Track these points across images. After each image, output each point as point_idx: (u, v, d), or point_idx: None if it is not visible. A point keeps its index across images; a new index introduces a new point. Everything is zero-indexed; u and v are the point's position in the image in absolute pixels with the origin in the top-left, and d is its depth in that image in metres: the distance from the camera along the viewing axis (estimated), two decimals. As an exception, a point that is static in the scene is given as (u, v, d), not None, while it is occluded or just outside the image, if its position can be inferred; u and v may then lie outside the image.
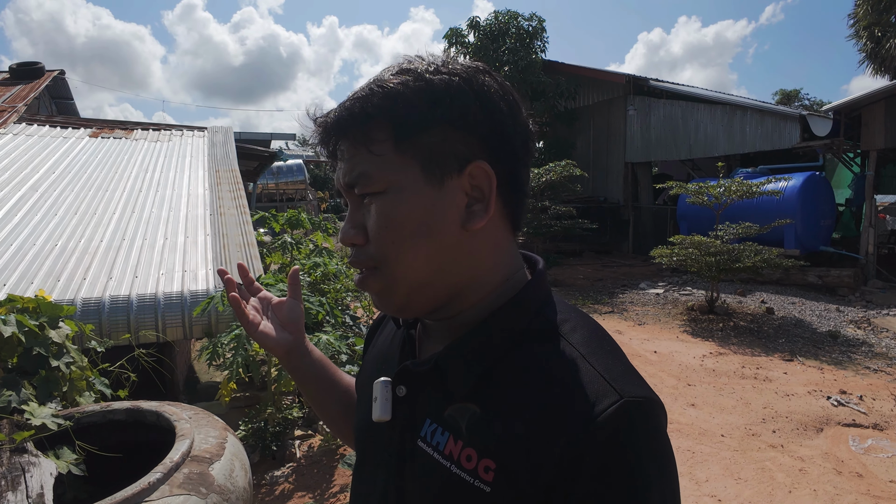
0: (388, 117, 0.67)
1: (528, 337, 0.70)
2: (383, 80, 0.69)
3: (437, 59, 0.72)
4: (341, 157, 0.72)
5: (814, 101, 34.57)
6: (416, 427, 0.73)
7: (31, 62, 10.59)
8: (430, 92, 0.67)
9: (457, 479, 0.66)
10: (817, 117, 11.17)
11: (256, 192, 15.25)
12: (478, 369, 0.69)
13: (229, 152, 7.65)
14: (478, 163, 0.68)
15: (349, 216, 0.73)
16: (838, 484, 3.78)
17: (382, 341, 0.93)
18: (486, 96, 0.69)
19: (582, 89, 17.51)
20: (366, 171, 0.69)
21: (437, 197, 0.68)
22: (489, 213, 0.70)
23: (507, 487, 0.63)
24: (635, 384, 0.64)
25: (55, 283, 3.93)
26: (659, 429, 0.63)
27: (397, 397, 0.76)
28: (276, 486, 3.52)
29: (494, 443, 0.65)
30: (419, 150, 0.67)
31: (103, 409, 2.46)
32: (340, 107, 0.71)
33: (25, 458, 2.00)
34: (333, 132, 0.71)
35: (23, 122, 8.05)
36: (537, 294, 0.74)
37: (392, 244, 0.69)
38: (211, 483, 1.91)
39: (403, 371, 0.76)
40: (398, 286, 0.71)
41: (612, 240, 16.30)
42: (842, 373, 6.13)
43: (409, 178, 0.68)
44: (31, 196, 5.46)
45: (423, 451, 0.71)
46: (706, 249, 8.34)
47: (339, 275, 5.93)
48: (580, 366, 0.65)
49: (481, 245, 0.72)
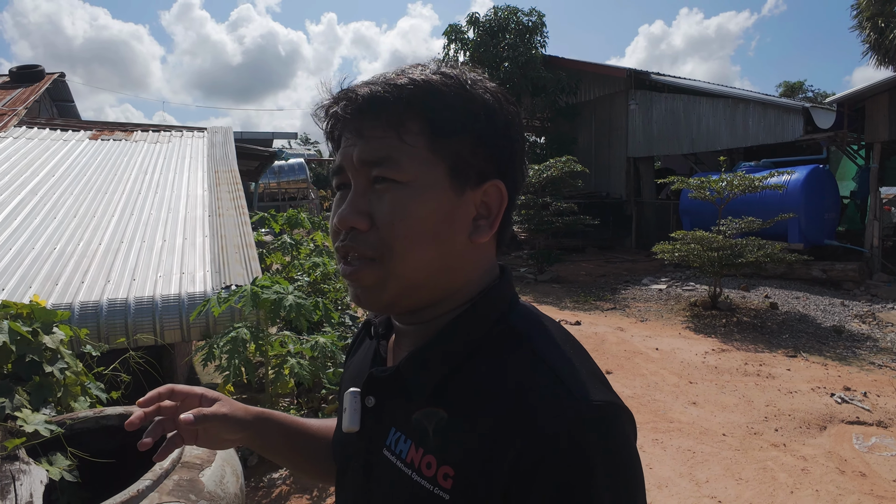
0: (427, 112, 0.68)
1: (488, 343, 0.70)
2: (426, 76, 0.69)
3: (473, 73, 0.73)
4: (358, 133, 0.69)
5: (818, 93, 34.36)
6: (382, 436, 0.74)
7: (31, 65, 10.60)
8: (470, 103, 0.69)
9: (417, 486, 0.67)
10: (821, 109, 11.09)
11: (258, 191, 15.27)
12: (437, 375, 0.69)
13: (228, 153, 7.63)
14: (496, 181, 0.71)
15: (353, 198, 0.70)
16: (841, 484, 3.75)
17: (359, 356, 0.93)
18: (511, 124, 0.72)
19: (583, 84, 17.45)
20: (394, 156, 0.67)
21: (455, 204, 0.69)
22: (493, 229, 0.72)
23: (464, 495, 0.63)
24: (596, 389, 0.64)
25: (53, 287, 3.93)
26: (619, 435, 0.62)
27: (366, 408, 0.77)
28: (273, 489, 3.52)
29: (453, 450, 0.65)
30: (449, 153, 0.68)
31: (96, 414, 2.45)
32: (374, 84, 0.69)
33: (16, 466, 2.00)
34: (365, 106, 0.68)
35: (23, 125, 8.05)
36: (499, 301, 0.74)
37: (403, 238, 0.67)
38: (201, 490, 1.90)
39: (370, 379, 0.76)
40: (393, 283, 0.69)
41: (614, 235, 16.25)
42: (846, 369, 6.09)
43: (435, 178, 0.68)
44: (30, 199, 5.46)
45: (387, 460, 0.72)
46: (709, 245, 8.30)
47: (339, 275, 5.93)
48: (539, 371, 0.65)
49: (476, 258, 0.73)
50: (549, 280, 11.76)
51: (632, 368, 6.14)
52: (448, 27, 17.96)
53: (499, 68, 16.71)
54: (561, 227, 11.91)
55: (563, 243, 14.75)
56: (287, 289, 3.47)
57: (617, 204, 16.41)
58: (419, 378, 0.70)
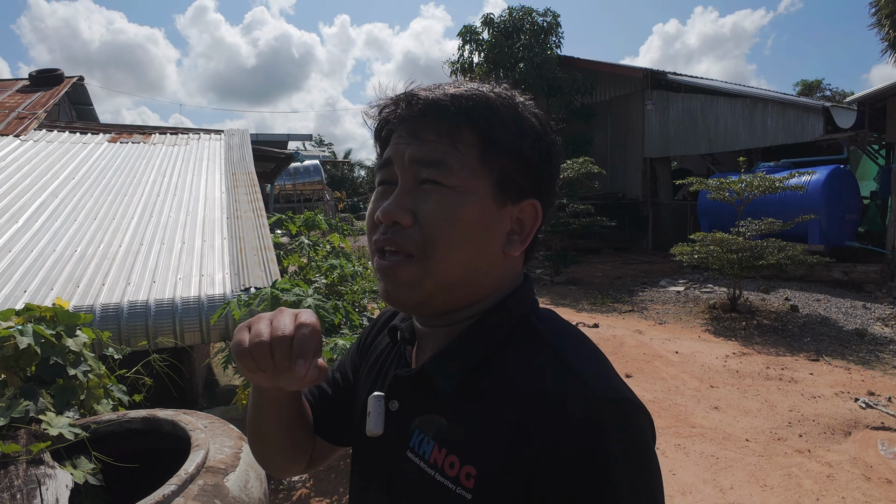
0: (482, 125, 0.71)
1: (511, 344, 0.73)
2: (484, 93, 0.73)
3: (522, 97, 0.77)
4: (413, 134, 0.72)
5: (836, 92, 33.85)
6: (406, 439, 0.75)
7: (50, 69, 10.69)
8: (521, 124, 0.74)
9: (441, 487, 0.68)
10: (841, 109, 10.93)
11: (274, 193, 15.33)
12: (459, 374, 0.72)
13: (245, 155, 7.67)
14: (533, 201, 0.75)
15: (399, 194, 0.72)
16: (867, 491, 3.67)
17: (378, 355, 0.93)
18: (552, 151, 0.77)
19: (599, 84, 17.35)
20: (446, 160, 0.70)
21: (495, 215, 0.73)
22: (524, 245, 0.76)
23: (487, 493, 0.65)
24: (613, 387, 0.66)
25: (74, 289, 3.95)
26: (639, 434, 0.64)
27: (390, 412, 0.78)
28: (293, 492, 3.51)
29: (475, 449, 0.67)
30: (496, 168, 0.72)
31: (120, 418, 2.45)
32: (435, 91, 0.73)
33: (42, 470, 2.00)
34: (426, 110, 0.72)
35: (43, 128, 8.14)
36: (521, 304, 0.77)
37: (446, 238, 0.69)
38: (226, 495, 1.88)
39: (395, 381, 0.78)
40: (429, 281, 0.71)
41: (630, 236, 16.13)
42: (870, 373, 5.99)
43: (480, 188, 0.71)
44: (51, 202, 5.51)
45: (411, 462, 0.73)
46: (728, 246, 8.19)
47: (356, 277, 5.92)
48: (560, 371, 0.67)
49: (505, 269, 0.77)
50: (566, 282, 11.69)
51: (652, 372, 6.07)
52: (463, 28, 17.93)
53: (514, 69, 16.65)
54: (577, 229, 11.84)
55: (578, 245, 14.64)
56: (306, 291, 3.46)
57: (633, 205, 16.28)
58: (443, 377, 0.72)
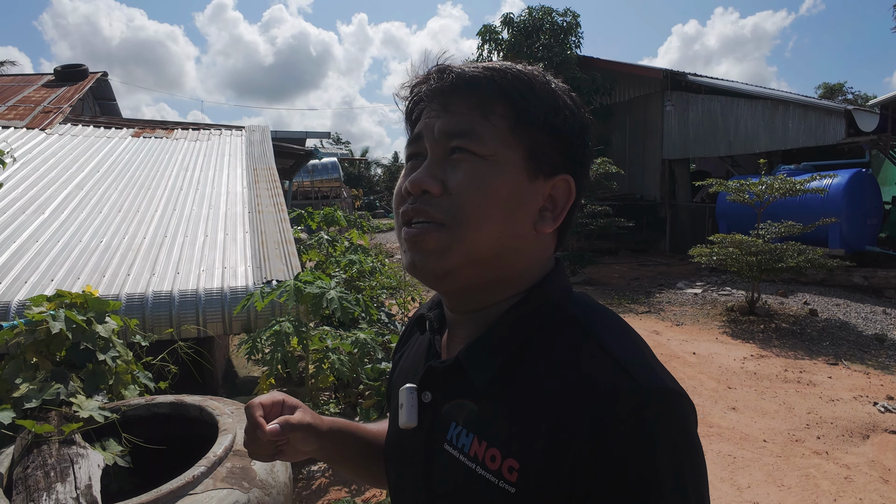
0: (514, 97, 0.70)
1: (547, 332, 0.71)
2: (518, 69, 0.72)
3: (557, 79, 0.77)
4: (444, 107, 0.71)
5: (858, 95, 33.37)
6: (442, 431, 0.73)
7: (75, 64, 10.86)
8: (554, 99, 0.72)
9: (482, 480, 0.67)
10: (864, 112, 10.80)
11: (292, 189, 15.44)
12: (496, 363, 0.70)
13: (266, 151, 7.75)
14: (566, 176, 0.73)
15: (429, 164, 0.71)
16: (885, 493, 3.65)
17: (410, 352, 0.92)
18: (586, 130, 0.75)
19: (618, 85, 17.25)
20: (477, 130, 0.69)
21: (526, 188, 0.70)
22: (557, 223, 0.73)
23: (531, 486, 0.63)
24: (657, 375, 0.64)
25: (100, 279, 4.03)
26: (682, 421, 0.63)
27: (423, 403, 0.77)
28: (313, 481, 3.56)
29: (517, 441, 0.65)
30: (528, 140, 0.70)
31: (148, 402, 2.51)
32: (467, 65, 0.73)
33: (74, 450, 2.05)
34: (458, 82, 0.71)
35: (68, 122, 8.28)
36: (556, 289, 0.74)
37: (477, 206, 0.68)
38: (253, 478, 1.93)
39: (428, 372, 0.76)
40: (457, 250, 0.68)
41: (648, 238, 16.03)
42: (889, 378, 5.92)
43: (512, 159, 0.70)
44: (76, 194, 5.61)
45: (449, 455, 0.72)
46: (748, 249, 8.13)
47: (374, 272, 5.97)
48: (600, 358, 0.65)
49: (536, 247, 0.74)
50: (582, 282, 11.67)
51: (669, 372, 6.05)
52: (482, 27, 17.93)
53: (532, 69, 16.60)
54: (595, 230, 11.80)
55: (595, 245, 14.58)
56: (329, 284, 3.51)
57: (651, 206, 16.17)
58: (479, 368, 0.70)
